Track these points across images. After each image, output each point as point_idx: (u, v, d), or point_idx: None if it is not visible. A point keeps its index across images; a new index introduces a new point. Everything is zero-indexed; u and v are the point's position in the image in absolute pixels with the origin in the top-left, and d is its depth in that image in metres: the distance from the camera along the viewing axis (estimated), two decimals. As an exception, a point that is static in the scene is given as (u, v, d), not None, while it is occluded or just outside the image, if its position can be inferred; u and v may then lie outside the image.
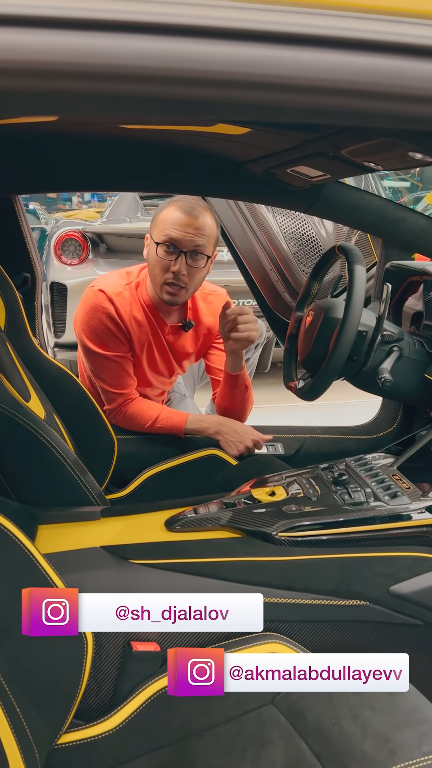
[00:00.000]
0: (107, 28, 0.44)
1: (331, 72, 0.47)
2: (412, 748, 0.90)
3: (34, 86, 0.44)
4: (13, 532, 0.96)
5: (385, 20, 0.48)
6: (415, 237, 1.76)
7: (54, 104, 0.48)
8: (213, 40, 0.45)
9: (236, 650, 1.08)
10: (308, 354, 1.53)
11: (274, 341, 3.57)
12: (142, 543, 1.23)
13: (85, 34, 0.44)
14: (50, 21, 0.44)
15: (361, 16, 0.47)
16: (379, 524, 1.22)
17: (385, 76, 0.48)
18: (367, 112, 0.49)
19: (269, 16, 0.45)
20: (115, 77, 0.45)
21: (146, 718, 1.02)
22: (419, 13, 0.52)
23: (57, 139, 1.46)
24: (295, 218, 2.17)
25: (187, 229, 1.68)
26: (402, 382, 1.51)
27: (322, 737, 0.94)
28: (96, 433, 1.73)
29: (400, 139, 0.97)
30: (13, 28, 0.45)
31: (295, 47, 0.46)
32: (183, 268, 1.70)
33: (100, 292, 1.78)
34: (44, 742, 0.91)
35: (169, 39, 0.45)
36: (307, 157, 1.31)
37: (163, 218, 1.71)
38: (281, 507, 1.28)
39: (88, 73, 0.44)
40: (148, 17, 0.44)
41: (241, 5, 0.45)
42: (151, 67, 0.45)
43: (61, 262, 3.98)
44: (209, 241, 1.72)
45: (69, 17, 0.44)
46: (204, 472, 1.75)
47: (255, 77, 0.46)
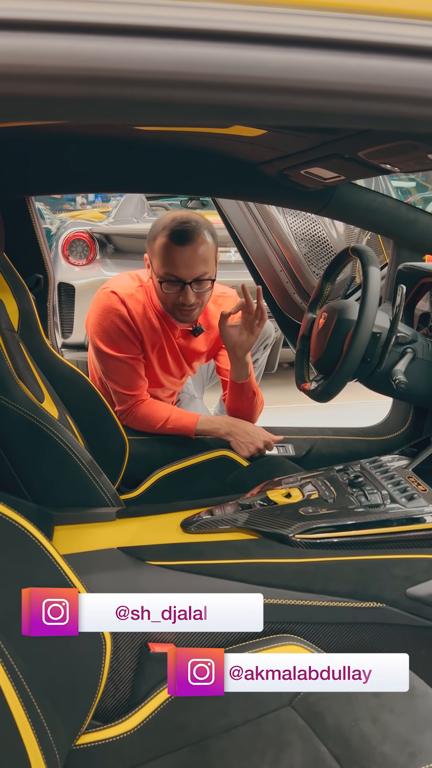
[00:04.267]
0: (161, 34, 0.44)
1: (379, 78, 0.47)
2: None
3: (85, 92, 0.45)
4: (33, 533, 0.96)
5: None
6: (427, 238, 1.75)
7: (101, 109, 0.48)
8: (260, 47, 0.45)
9: (254, 651, 1.08)
10: (321, 355, 1.53)
11: (281, 342, 3.57)
12: (159, 544, 1.23)
13: (134, 40, 0.44)
14: (103, 27, 0.44)
15: (411, 22, 0.47)
16: (396, 526, 1.22)
17: (425, 80, 0.48)
18: (410, 118, 0.50)
19: (317, 22, 0.45)
20: (164, 83, 0.45)
21: (164, 719, 1.02)
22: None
23: (71, 140, 1.47)
24: (306, 219, 2.17)
25: (187, 261, 1.64)
26: (416, 384, 1.51)
27: (341, 740, 0.94)
28: (107, 434, 1.74)
29: (420, 141, 0.97)
30: (67, 34, 0.45)
31: (342, 53, 0.47)
32: (191, 297, 1.68)
33: (112, 293, 1.78)
34: (64, 743, 0.91)
35: (218, 45, 0.45)
36: (323, 159, 1.31)
37: (159, 250, 1.66)
38: (297, 509, 1.28)
39: (140, 80, 0.44)
40: (204, 24, 0.44)
41: (290, 11, 0.45)
42: (200, 73, 0.45)
43: (69, 262, 3.98)
44: (209, 262, 1.68)
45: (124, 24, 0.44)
46: (215, 473, 1.75)
47: (302, 83, 0.46)
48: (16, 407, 1.28)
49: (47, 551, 0.97)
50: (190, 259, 1.64)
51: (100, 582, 1.11)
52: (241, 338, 1.71)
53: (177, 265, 1.64)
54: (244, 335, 1.71)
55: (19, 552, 0.93)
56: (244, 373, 1.79)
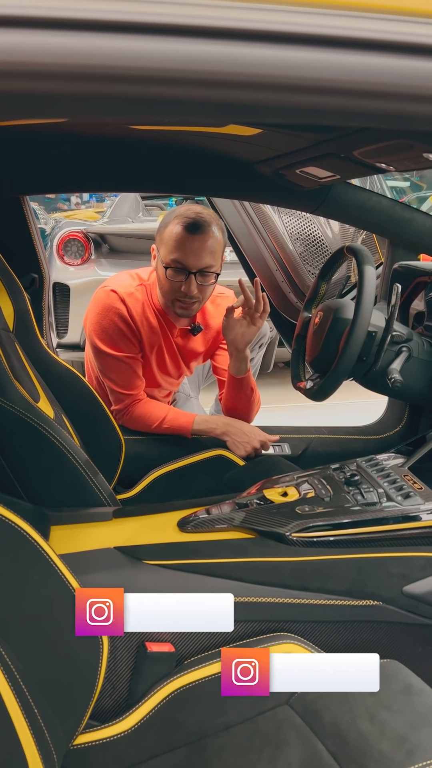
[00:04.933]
0: (160, 32, 0.44)
1: (378, 75, 0.47)
2: (429, 748, 0.90)
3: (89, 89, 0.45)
4: (30, 533, 0.96)
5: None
6: (423, 237, 1.76)
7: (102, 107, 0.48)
8: (258, 44, 0.45)
9: (251, 651, 1.08)
10: (317, 355, 1.53)
11: (276, 341, 3.57)
12: (156, 544, 1.23)
13: (132, 37, 0.44)
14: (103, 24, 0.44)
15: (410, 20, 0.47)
16: (392, 524, 1.22)
17: (423, 78, 0.48)
18: (408, 115, 0.50)
19: (316, 19, 0.45)
20: (162, 81, 0.45)
21: (161, 718, 1.02)
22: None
23: (67, 139, 1.46)
24: (301, 219, 2.17)
25: (195, 251, 1.65)
26: (411, 383, 1.52)
27: (338, 737, 0.94)
28: (103, 434, 1.73)
29: (416, 139, 0.97)
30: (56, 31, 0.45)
31: (341, 50, 0.47)
32: (194, 288, 1.69)
33: (112, 292, 1.78)
34: (61, 743, 0.91)
35: (216, 42, 0.45)
36: (318, 158, 1.31)
37: (169, 237, 1.67)
38: (294, 507, 1.28)
39: (138, 77, 0.44)
40: (202, 21, 0.44)
41: (289, 8, 0.45)
42: (198, 70, 0.45)
43: (64, 262, 3.98)
44: (217, 256, 1.70)
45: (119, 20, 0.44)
46: (212, 473, 1.75)
47: (300, 80, 0.46)
48: (11, 407, 1.28)
49: (44, 551, 0.97)
50: (198, 248, 1.65)
51: (97, 582, 1.11)
52: (242, 330, 1.72)
53: (185, 252, 1.65)
54: (245, 326, 1.71)
55: (15, 552, 0.93)
56: (244, 368, 1.79)
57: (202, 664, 1.07)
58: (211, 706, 1.02)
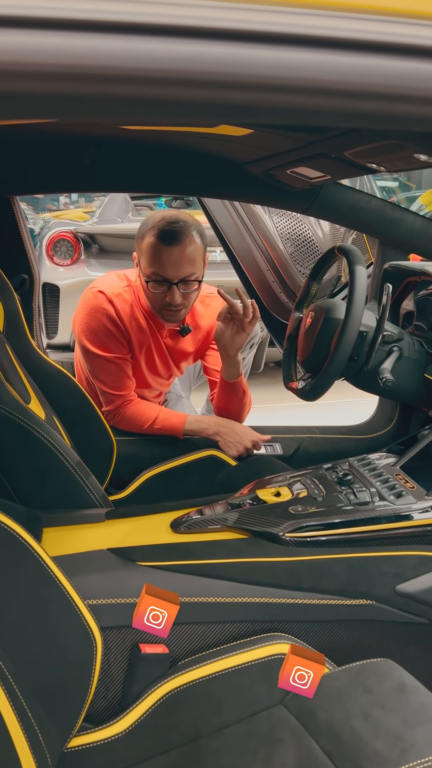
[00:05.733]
0: (154, 32, 0.44)
1: (373, 76, 0.47)
2: (423, 746, 0.90)
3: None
4: (22, 535, 0.95)
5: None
6: (413, 237, 1.76)
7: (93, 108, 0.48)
8: (253, 45, 0.45)
9: (244, 651, 1.08)
10: (309, 354, 1.53)
11: (267, 341, 3.57)
12: (149, 545, 1.22)
13: (126, 38, 0.43)
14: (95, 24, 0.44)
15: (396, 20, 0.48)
16: (385, 524, 1.22)
17: (417, 79, 0.48)
18: (403, 116, 0.50)
19: (311, 20, 0.45)
20: (157, 81, 0.45)
21: (156, 720, 1.02)
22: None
23: (57, 139, 1.46)
24: (292, 219, 2.17)
25: (174, 262, 1.64)
26: (402, 382, 1.52)
27: (333, 737, 0.94)
28: (95, 435, 1.73)
29: (407, 140, 0.98)
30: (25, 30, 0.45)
31: (335, 51, 0.47)
32: (177, 297, 1.68)
33: (100, 293, 1.77)
34: (55, 746, 0.90)
35: (211, 43, 0.45)
36: (310, 158, 1.31)
37: (146, 249, 1.66)
38: (287, 507, 1.28)
39: (133, 77, 0.44)
40: (197, 22, 0.44)
41: (283, 9, 0.45)
42: (193, 71, 0.45)
43: (53, 262, 3.96)
44: (197, 263, 1.68)
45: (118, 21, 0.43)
46: (203, 473, 1.75)
47: (295, 81, 0.46)
48: (2, 409, 1.27)
49: (36, 553, 0.96)
50: (177, 259, 1.64)
51: (90, 584, 1.10)
52: (232, 335, 1.71)
53: (164, 265, 1.64)
54: (233, 332, 1.71)
55: (7, 555, 0.92)
56: (236, 372, 1.79)
57: (196, 665, 1.07)
58: (205, 707, 1.02)
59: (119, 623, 1.09)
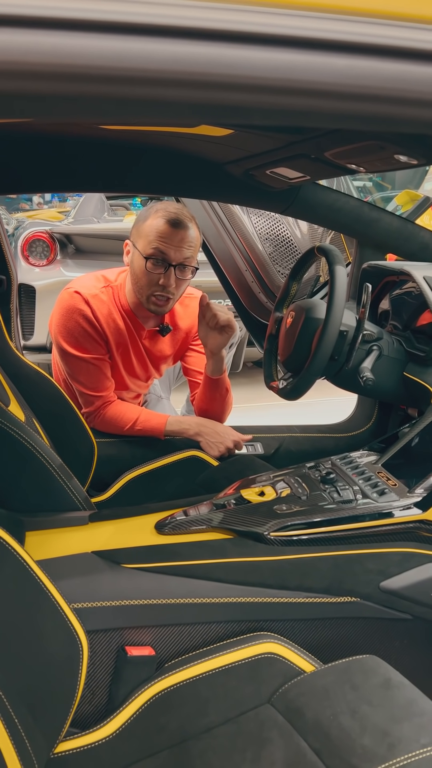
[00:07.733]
0: (148, 32, 0.44)
1: (366, 78, 0.47)
2: (410, 740, 0.91)
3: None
4: (5, 539, 0.94)
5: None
6: (389, 237, 1.78)
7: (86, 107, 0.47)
8: (247, 46, 0.45)
9: (231, 651, 1.08)
10: (290, 354, 1.54)
11: (246, 341, 3.58)
12: (134, 547, 1.22)
13: (120, 38, 0.43)
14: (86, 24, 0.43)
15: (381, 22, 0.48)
16: (368, 521, 1.23)
17: (411, 82, 0.49)
18: (394, 118, 0.50)
19: (305, 22, 0.45)
20: (150, 82, 0.44)
21: (143, 723, 1.01)
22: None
23: (33, 138, 1.44)
24: (270, 219, 2.18)
25: (176, 243, 1.66)
26: (382, 381, 1.54)
27: (321, 734, 0.95)
28: (75, 437, 1.71)
29: (387, 141, 0.99)
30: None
31: (330, 53, 0.47)
32: (172, 280, 1.69)
33: (75, 293, 1.76)
34: (42, 751, 0.89)
35: (205, 44, 0.45)
36: (289, 159, 1.32)
37: (149, 229, 1.68)
38: (272, 507, 1.28)
39: (125, 78, 0.43)
40: (191, 22, 0.44)
41: (278, 11, 0.45)
42: (186, 72, 0.44)
43: (29, 263, 3.92)
44: (195, 253, 1.72)
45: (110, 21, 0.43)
46: (185, 474, 1.74)
47: (289, 83, 0.46)
48: None
49: (20, 557, 0.95)
50: (181, 240, 1.67)
51: (75, 587, 1.09)
52: (210, 337, 1.74)
53: (167, 244, 1.66)
54: (213, 335, 1.73)
55: None
56: (219, 368, 1.80)
57: (183, 666, 1.06)
58: (192, 708, 1.02)
59: (105, 626, 1.08)
